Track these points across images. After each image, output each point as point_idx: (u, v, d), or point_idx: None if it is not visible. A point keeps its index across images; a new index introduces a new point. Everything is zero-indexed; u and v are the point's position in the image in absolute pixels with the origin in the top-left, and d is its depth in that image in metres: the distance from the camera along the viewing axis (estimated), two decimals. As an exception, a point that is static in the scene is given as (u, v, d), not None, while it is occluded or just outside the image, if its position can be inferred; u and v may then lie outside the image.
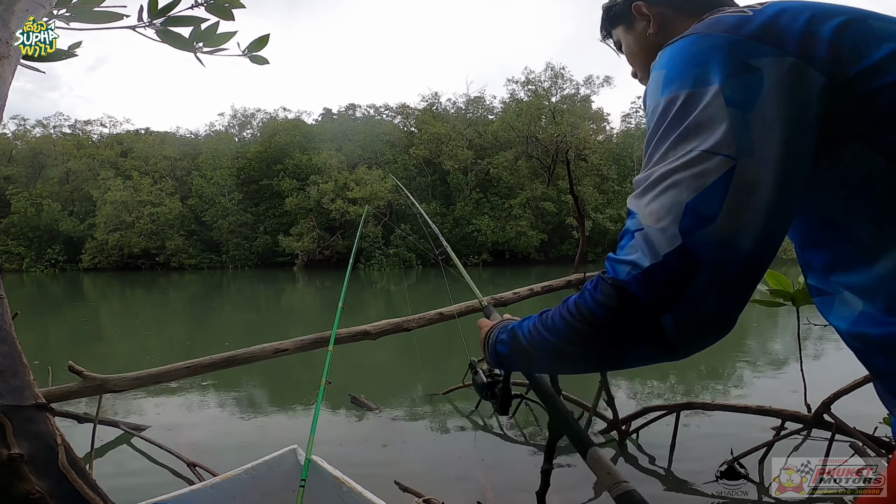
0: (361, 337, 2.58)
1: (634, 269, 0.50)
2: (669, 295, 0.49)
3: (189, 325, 10.49)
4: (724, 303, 0.49)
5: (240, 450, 3.20)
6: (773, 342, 7.12)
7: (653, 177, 0.52)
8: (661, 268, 0.49)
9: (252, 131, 40.31)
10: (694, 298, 0.48)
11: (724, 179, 0.48)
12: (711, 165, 0.49)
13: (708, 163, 0.49)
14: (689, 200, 0.48)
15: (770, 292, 2.63)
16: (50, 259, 33.95)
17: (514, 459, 3.12)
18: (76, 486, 0.98)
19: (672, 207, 0.49)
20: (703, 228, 0.48)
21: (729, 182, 0.48)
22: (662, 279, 0.49)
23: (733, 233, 0.48)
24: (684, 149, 0.50)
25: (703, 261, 0.48)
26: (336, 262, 31.14)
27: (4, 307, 1.05)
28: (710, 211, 0.48)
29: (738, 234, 0.48)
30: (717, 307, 0.49)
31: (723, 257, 0.48)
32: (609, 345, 0.54)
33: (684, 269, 0.48)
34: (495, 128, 33.86)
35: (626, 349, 0.54)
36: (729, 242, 0.48)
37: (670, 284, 0.48)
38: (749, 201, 0.48)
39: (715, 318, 0.50)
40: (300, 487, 1.69)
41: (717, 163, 0.48)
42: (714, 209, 0.48)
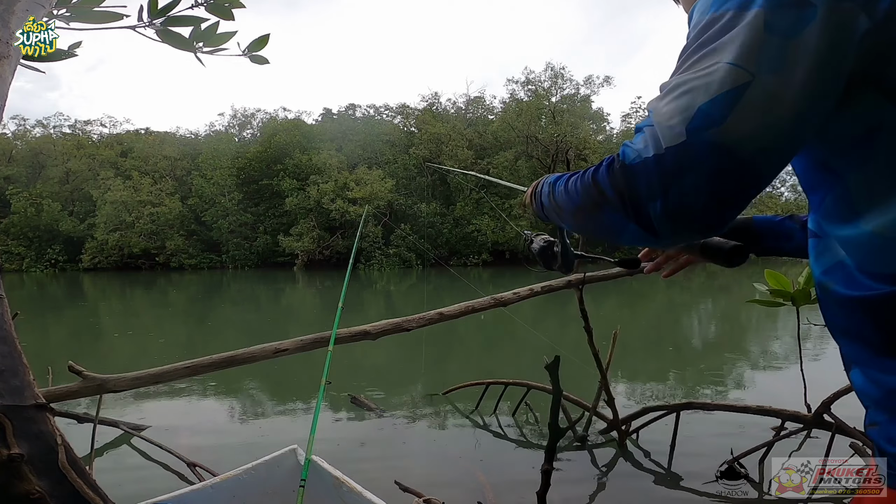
0: (361, 337, 2.58)
1: (638, 156, 0.53)
2: (662, 185, 0.52)
3: (189, 325, 10.49)
4: (711, 205, 0.51)
5: (240, 450, 3.20)
6: (773, 342, 7.12)
7: (674, 82, 0.54)
8: (660, 160, 0.52)
9: (252, 131, 40.32)
10: (683, 193, 0.51)
11: (739, 90, 0.49)
12: (730, 76, 0.50)
13: (728, 74, 0.50)
14: (703, 104, 0.50)
15: (770, 292, 2.63)
16: (50, 259, 33.95)
17: (514, 459, 3.12)
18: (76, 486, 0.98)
19: (685, 109, 0.51)
20: (708, 130, 0.50)
21: (743, 93, 0.49)
22: (659, 169, 0.52)
23: (735, 140, 0.49)
24: (711, 60, 0.52)
25: (699, 160, 0.50)
26: (336, 262, 31.13)
27: (4, 307, 1.05)
28: (719, 115, 0.49)
29: (739, 142, 0.49)
30: (703, 207, 0.51)
31: (719, 161, 0.50)
32: (608, 219, 0.59)
33: (680, 164, 0.51)
34: (495, 128, 33.85)
35: (621, 227, 0.58)
36: (729, 149, 0.49)
37: (665, 176, 0.51)
38: (758, 116, 0.49)
39: (698, 216, 0.52)
40: (300, 487, 1.69)
41: (737, 74, 0.50)
42: (723, 114, 0.49)
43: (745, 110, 0.49)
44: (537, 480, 1.80)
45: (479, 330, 7.91)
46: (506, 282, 18.15)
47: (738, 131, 0.49)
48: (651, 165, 0.52)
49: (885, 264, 0.54)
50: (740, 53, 0.50)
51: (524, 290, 2.99)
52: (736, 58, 0.50)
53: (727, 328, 9.11)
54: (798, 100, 0.50)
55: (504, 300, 2.93)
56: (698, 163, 0.50)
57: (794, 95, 0.50)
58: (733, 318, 9.80)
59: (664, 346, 7.08)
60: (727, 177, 0.50)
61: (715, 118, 0.49)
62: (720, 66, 0.51)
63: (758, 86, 0.49)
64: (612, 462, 3.04)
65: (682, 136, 0.50)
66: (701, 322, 10.03)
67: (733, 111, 0.49)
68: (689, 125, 0.50)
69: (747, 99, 0.49)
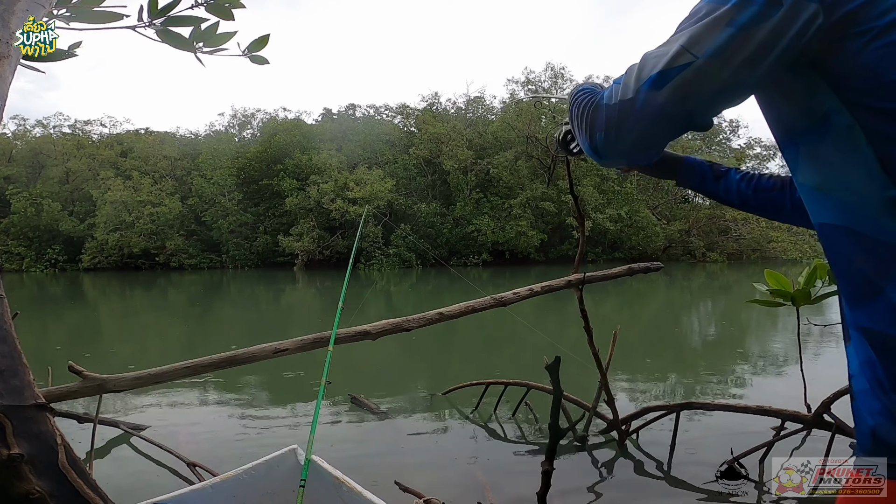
0: (361, 337, 2.58)
1: (604, 99, 0.72)
2: (607, 124, 0.71)
3: (189, 325, 10.49)
4: (637, 144, 0.71)
5: (240, 450, 3.20)
6: (773, 342, 7.13)
7: (646, 55, 0.70)
8: (612, 107, 0.70)
9: (252, 131, 40.30)
10: (619, 132, 0.70)
11: (681, 68, 0.65)
12: (678, 56, 0.66)
13: (678, 54, 0.66)
14: (653, 73, 0.66)
15: (770, 292, 2.63)
16: (50, 259, 33.93)
17: (514, 459, 3.12)
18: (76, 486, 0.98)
19: (641, 73, 0.68)
20: (649, 92, 0.67)
21: (682, 71, 0.65)
22: (609, 113, 0.70)
23: (663, 103, 0.66)
24: (675, 43, 0.67)
25: (637, 111, 0.68)
26: (336, 262, 31.12)
27: (4, 307, 1.05)
28: (660, 83, 0.66)
29: (666, 104, 0.66)
30: (631, 144, 0.71)
31: (650, 114, 0.67)
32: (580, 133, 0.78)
33: (624, 112, 0.69)
34: (495, 128, 33.83)
35: (583, 141, 0.77)
36: (658, 107, 0.67)
37: (611, 118, 0.70)
38: (687, 89, 0.66)
39: (626, 150, 0.72)
40: (300, 487, 1.70)
41: (684, 57, 0.65)
42: (663, 83, 0.66)
43: (679, 83, 0.65)
44: (537, 481, 1.80)
45: (479, 330, 7.91)
46: (506, 282, 18.15)
47: (669, 97, 0.66)
48: (607, 108, 0.70)
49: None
50: (692, 40, 0.65)
51: (524, 290, 2.98)
52: (687, 42, 0.65)
53: (727, 328, 9.11)
54: (723, 82, 0.65)
55: (504, 300, 2.92)
56: (635, 113, 0.68)
57: (721, 78, 0.65)
58: (733, 318, 9.80)
59: (664, 346, 7.08)
60: (652, 125, 0.68)
61: (657, 84, 0.66)
62: (675, 47, 0.66)
63: (695, 67, 0.65)
64: (612, 462, 3.04)
65: (631, 94, 0.68)
66: (701, 322, 10.03)
67: (670, 82, 0.65)
68: (639, 85, 0.67)
69: (683, 76, 0.65)
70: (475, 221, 30.55)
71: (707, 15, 0.66)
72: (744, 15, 0.63)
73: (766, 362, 5.77)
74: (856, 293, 0.68)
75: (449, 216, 31.76)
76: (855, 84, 0.64)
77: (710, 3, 0.67)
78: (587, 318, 3.12)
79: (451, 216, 31.65)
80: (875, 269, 0.64)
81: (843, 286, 0.70)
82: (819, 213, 0.72)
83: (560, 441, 1.71)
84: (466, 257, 30.54)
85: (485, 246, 30.46)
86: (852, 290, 0.68)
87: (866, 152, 0.64)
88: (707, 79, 0.65)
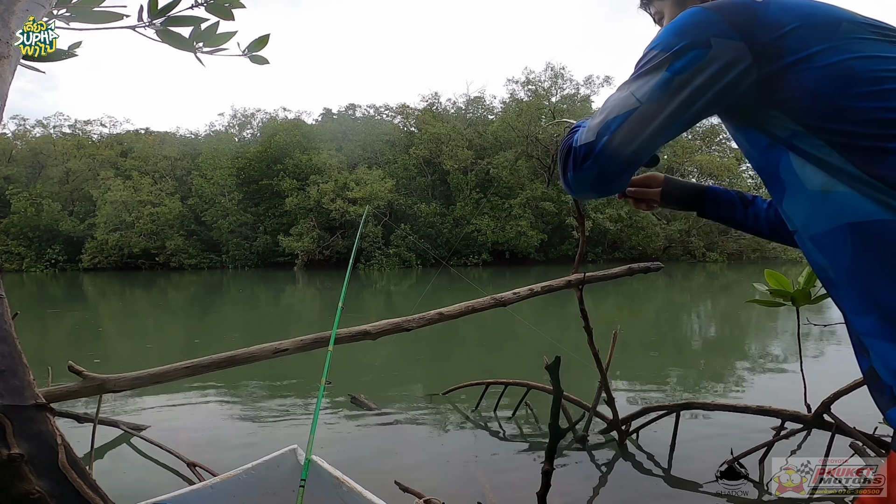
0: (361, 337, 2.58)
1: (574, 142, 0.79)
2: (574, 163, 0.79)
3: (189, 325, 10.49)
4: (599, 180, 0.78)
5: (240, 450, 3.20)
6: (773, 342, 7.12)
7: (607, 100, 0.78)
8: (578, 149, 0.78)
9: (252, 131, 40.32)
10: (584, 170, 0.77)
11: (628, 113, 0.73)
12: (627, 103, 0.74)
13: (627, 101, 0.74)
14: (609, 119, 0.74)
15: (770, 292, 2.63)
16: (50, 259, 33.95)
17: (514, 459, 3.12)
18: (76, 486, 0.98)
19: (602, 120, 0.76)
20: (604, 137, 0.74)
21: (630, 115, 0.73)
22: (575, 154, 0.78)
23: (617, 145, 0.74)
24: (627, 89, 0.75)
25: (595, 154, 0.75)
26: (336, 262, 31.13)
27: (4, 307, 1.05)
28: (614, 127, 0.74)
29: (619, 146, 0.74)
30: (594, 180, 0.78)
31: (608, 156, 0.75)
32: (560, 171, 0.84)
33: (586, 154, 0.76)
34: (495, 128, 33.83)
35: (561, 178, 0.84)
36: (613, 149, 0.74)
37: (576, 159, 0.78)
38: (633, 131, 0.73)
39: (591, 186, 0.79)
40: (300, 487, 1.70)
41: (631, 102, 0.73)
42: (616, 127, 0.74)
43: (626, 126, 0.73)
44: (537, 480, 1.80)
45: (479, 330, 7.91)
46: (506, 282, 18.15)
47: (619, 139, 0.74)
48: (574, 150, 0.78)
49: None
50: (637, 87, 0.74)
51: (524, 290, 2.98)
52: (635, 90, 0.74)
53: (727, 328, 9.11)
54: (663, 123, 0.73)
55: (504, 300, 2.92)
56: (594, 155, 0.75)
57: (661, 120, 0.73)
58: (733, 318, 9.80)
59: (664, 346, 7.08)
60: (608, 164, 0.75)
61: (611, 129, 0.74)
62: (627, 94, 0.75)
63: (639, 111, 0.73)
64: (612, 462, 3.04)
65: (593, 138, 0.76)
66: (701, 322, 10.03)
67: (620, 126, 0.73)
68: (598, 130, 0.75)
69: (630, 120, 0.73)
70: (475, 221, 30.56)
71: (650, 61, 0.74)
72: (679, 62, 0.71)
73: (766, 362, 5.76)
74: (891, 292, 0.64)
75: (449, 216, 31.75)
76: (805, 109, 0.69)
77: (656, 50, 0.75)
78: (587, 318, 3.12)
79: (451, 216, 31.65)
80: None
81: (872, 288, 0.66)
82: (841, 215, 0.68)
83: (560, 441, 1.71)
84: (466, 257, 30.53)
85: (485, 246, 30.47)
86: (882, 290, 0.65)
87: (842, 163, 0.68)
88: (649, 121, 0.73)
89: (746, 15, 0.71)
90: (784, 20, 0.70)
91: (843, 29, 0.69)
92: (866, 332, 0.67)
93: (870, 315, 0.66)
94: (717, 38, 0.70)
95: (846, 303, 0.71)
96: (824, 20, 0.70)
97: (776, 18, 0.70)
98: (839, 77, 0.67)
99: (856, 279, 0.68)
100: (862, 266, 0.67)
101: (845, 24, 0.70)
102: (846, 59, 0.67)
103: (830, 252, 0.71)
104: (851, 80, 0.66)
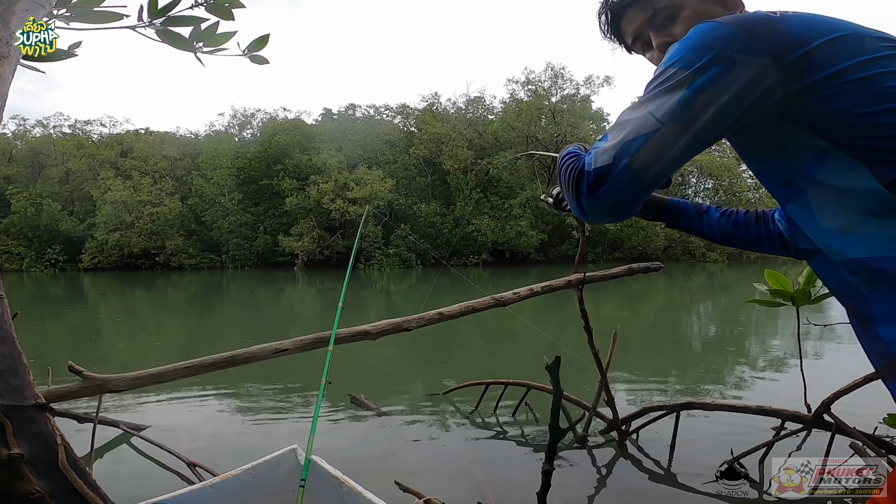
0: (361, 337, 2.58)
1: (587, 166, 0.76)
2: (590, 188, 0.76)
3: (189, 325, 10.48)
4: (617, 204, 0.76)
5: (240, 450, 3.20)
6: (773, 342, 7.12)
7: (620, 118, 0.76)
8: (592, 173, 0.75)
9: (252, 131, 40.29)
10: (601, 195, 0.75)
11: (649, 135, 0.71)
12: (647, 124, 0.71)
13: (646, 121, 0.71)
14: (627, 140, 0.72)
15: (770, 292, 2.62)
16: (50, 259, 33.93)
17: (514, 459, 3.12)
18: (76, 486, 0.98)
19: (617, 140, 0.73)
20: (624, 159, 0.72)
21: (651, 137, 0.71)
22: (589, 179, 0.75)
23: (638, 167, 0.72)
24: (643, 107, 0.73)
25: (614, 176, 0.73)
26: (336, 262, 31.12)
27: (4, 307, 1.05)
28: (634, 150, 0.71)
29: (640, 169, 0.72)
30: (612, 205, 0.76)
31: (625, 178, 0.73)
32: (568, 198, 0.82)
33: (603, 177, 0.74)
34: (495, 128, 33.83)
35: (572, 204, 0.81)
36: (633, 172, 0.72)
37: (592, 183, 0.75)
38: (655, 153, 0.71)
39: (608, 210, 0.77)
40: (300, 487, 1.69)
41: (651, 123, 0.71)
42: (636, 149, 0.71)
43: (648, 149, 0.71)
44: (537, 480, 1.80)
45: (479, 330, 7.91)
46: (506, 282, 18.15)
47: (640, 162, 0.71)
48: (588, 175, 0.75)
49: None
50: (657, 107, 0.71)
51: (524, 290, 2.98)
52: (654, 110, 0.71)
53: (727, 328, 9.11)
54: (687, 144, 0.71)
55: (504, 300, 2.92)
56: (612, 178, 0.73)
57: (685, 141, 0.71)
58: (733, 318, 9.80)
59: (664, 346, 7.08)
60: (627, 188, 0.73)
61: (630, 151, 0.72)
62: (645, 114, 0.72)
63: (661, 133, 0.71)
64: (612, 462, 3.04)
65: (610, 161, 0.73)
66: (701, 322, 10.03)
67: (641, 149, 0.71)
68: (615, 153, 0.73)
69: (652, 142, 0.71)
70: (475, 221, 30.56)
71: (669, 79, 0.71)
72: (701, 79, 0.69)
73: (766, 362, 5.76)
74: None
75: (449, 216, 31.75)
76: (834, 125, 0.68)
77: (671, 67, 0.72)
78: (587, 318, 3.12)
79: (451, 216, 31.65)
80: None
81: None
82: (853, 250, 0.71)
83: (560, 441, 1.71)
84: (466, 257, 30.53)
85: (485, 246, 30.46)
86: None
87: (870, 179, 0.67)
88: (672, 143, 0.71)
89: (769, 29, 0.69)
90: (809, 36, 0.68)
91: (868, 45, 0.68)
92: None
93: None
94: (740, 53, 0.68)
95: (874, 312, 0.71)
96: (850, 36, 0.69)
97: (800, 34, 0.68)
98: (869, 93, 0.66)
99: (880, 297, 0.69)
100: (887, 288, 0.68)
101: (868, 39, 0.69)
102: (875, 75, 0.67)
103: (859, 275, 0.71)
104: (881, 95, 0.66)
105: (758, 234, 1.11)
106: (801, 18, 0.71)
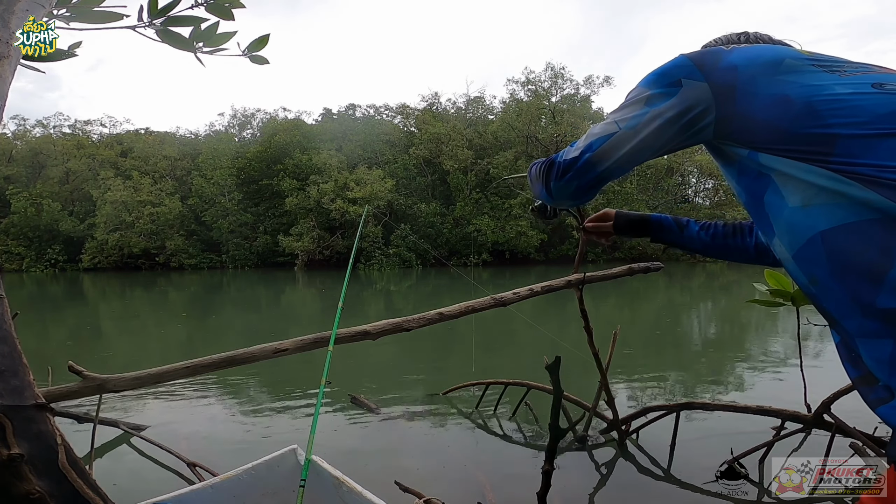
0: (361, 337, 2.58)
1: (559, 158, 0.94)
2: (557, 175, 0.93)
3: (189, 325, 10.48)
4: (578, 189, 0.93)
5: (240, 450, 3.20)
6: (773, 342, 7.12)
7: (592, 128, 0.92)
8: (561, 163, 0.93)
9: (252, 131, 40.30)
10: (566, 181, 0.93)
11: (608, 136, 0.87)
12: (609, 129, 0.88)
13: (608, 125, 0.88)
14: (593, 139, 0.89)
15: (770, 292, 2.62)
16: (50, 259, 33.94)
17: (514, 459, 3.12)
18: (76, 486, 0.98)
19: (587, 140, 0.90)
20: (587, 153, 0.89)
21: (609, 138, 0.87)
22: (559, 168, 0.93)
23: (595, 161, 0.89)
24: (612, 117, 0.89)
25: (577, 168, 0.91)
26: (336, 262, 31.12)
27: (4, 307, 1.05)
28: (596, 147, 0.88)
29: (597, 162, 0.89)
30: (574, 189, 0.93)
31: (587, 170, 0.90)
32: (536, 186, 1.01)
33: (569, 167, 0.92)
34: (495, 128, 33.82)
35: (539, 191, 1.00)
36: (592, 164, 0.89)
37: (559, 172, 0.93)
38: (610, 151, 0.88)
39: (571, 194, 0.94)
40: (300, 487, 1.70)
41: (612, 128, 0.87)
42: (597, 146, 0.88)
43: (605, 147, 0.88)
44: (537, 480, 1.81)
45: (479, 330, 7.91)
46: (506, 282, 18.15)
47: (597, 157, 0.88)
48: (558, 164, 0.93)
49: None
50: (621, 116, 0.88)
51: (524, 290, 2.98)
52: (618, 119, 0.88)
53: (727, 328, 9.11)
54: (634, 148, 0.87)
55: (504, 300, 2.92)
56: (575, 168, 0.91)
57: (633, 145, 0.86)
58: (733, 318, 9.80)
59: (664, 346, 7.08)
60: (585, 176, 0.91)
61: (592, 148, 0.89)
62: (610, 122, 0.88)
63: (617, 136, 0.87)
64: (612, 462, 3.04)
65: (576, 154, 0.91)
66: (701, 322, 10.03)
67: (600, 147, 0.88)
68: (582, 148, 0.90)
69: (609, 142, 0.87)
70: (475, 221, 30.55)
71: (635, 96, 0.88)
72: (654, 97, 0.85)
73: (765, 362, 5.76)
74: (866, 288, 0.68)
75: (449, 216, 31.74)
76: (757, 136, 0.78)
77: (640, 88, 0.88)
78: (587, 317, 3.12)
79: (451, 216, 31.64)
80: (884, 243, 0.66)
81: (851, 289, 0.70)
82: (815, 225, 0.74)
83: (560, 441, 1.71)
84: (466, 257, 30.52)
85: (485, 246, 30.46)
86: (859, 288, 0.69)
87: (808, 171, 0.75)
88: (623, 145, 0.86)
89: (712, 59, 0.82)
90: (737, 62, 0.81)
91: (785, 65, 0.78)
92: (856, 333, 0.71)
93: (853, 316, 0.70)
94: (686, 79, 0.82)
95: (833, 310, 0.74)
96: (769, 59, 0.80)
97: (732, 61, 0.81)
98: (779, 104, 0.76)
99: (834, 285, 0.72)
100: (836, 270, 0.71)
101: (788, 60, 0.79)
102: (784, 89, 0.76)
103: (809, 265, 0.76)
104: (788, 105, 0.75)
105: (735, 246, 1.21)
106: (742, 49, 0.84)
